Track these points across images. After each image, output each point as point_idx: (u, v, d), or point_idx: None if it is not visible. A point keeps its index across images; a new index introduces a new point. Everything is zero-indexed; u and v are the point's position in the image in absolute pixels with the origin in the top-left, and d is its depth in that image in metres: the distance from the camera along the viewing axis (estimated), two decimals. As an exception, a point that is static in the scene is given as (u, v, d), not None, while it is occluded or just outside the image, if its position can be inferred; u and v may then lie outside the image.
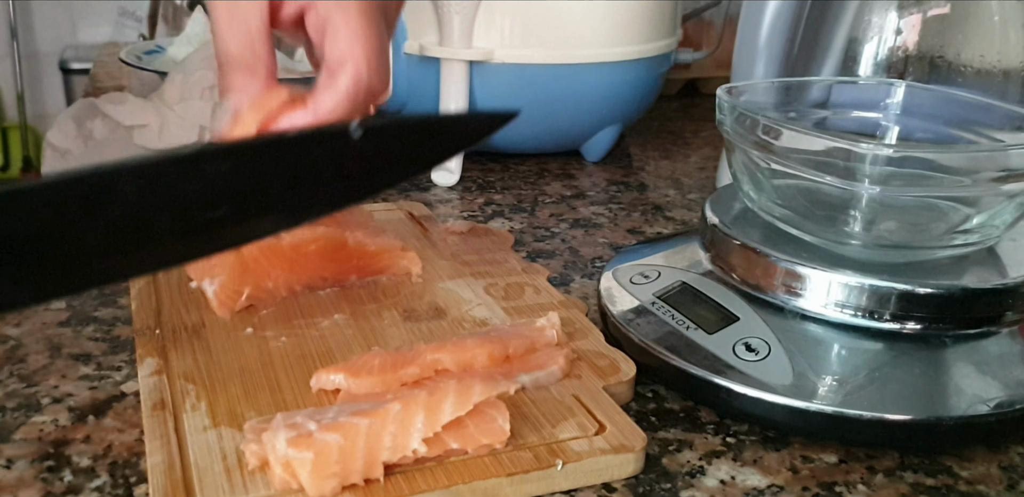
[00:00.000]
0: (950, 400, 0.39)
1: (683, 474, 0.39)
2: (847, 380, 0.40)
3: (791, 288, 0.43)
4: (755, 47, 0.60)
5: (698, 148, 0.88)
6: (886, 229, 0.43)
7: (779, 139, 0.43)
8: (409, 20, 0.74)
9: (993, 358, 0.41)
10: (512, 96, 0.75)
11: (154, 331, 0.47)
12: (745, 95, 0.51)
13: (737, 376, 0.41)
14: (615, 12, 0.73)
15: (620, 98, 0.78)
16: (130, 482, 0.37)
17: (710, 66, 1.07)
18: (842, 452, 0.41)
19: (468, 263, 0.56)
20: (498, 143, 0.80)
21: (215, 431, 0.38)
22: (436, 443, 0.36)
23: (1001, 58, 0.59)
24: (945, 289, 0.41)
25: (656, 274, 0.49)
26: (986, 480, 0.39)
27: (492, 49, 0.72)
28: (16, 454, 0.39)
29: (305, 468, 0.34)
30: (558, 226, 0.67)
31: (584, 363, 0.44)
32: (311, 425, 0.36)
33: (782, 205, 0.46)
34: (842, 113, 0.54)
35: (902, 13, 0.60)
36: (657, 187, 0.76)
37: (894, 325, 0.41)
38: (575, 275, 0.58)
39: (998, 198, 0.42)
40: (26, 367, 0.45)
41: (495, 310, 0.50)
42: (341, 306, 0.50)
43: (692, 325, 0.44)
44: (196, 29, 1.04)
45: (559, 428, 0.39)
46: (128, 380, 0.45)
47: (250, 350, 0.45)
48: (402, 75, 0.76)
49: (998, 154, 0.42)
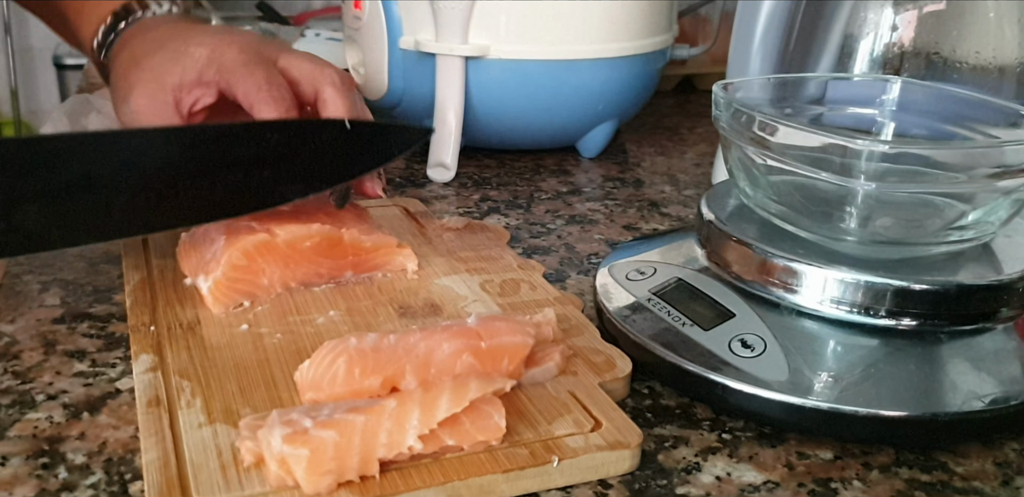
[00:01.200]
0: (945, 396, 0.39)
1: (679, 470, 0.39)
2: (843, 376, 0.40)
3: (787, 284, 0.43)
4: (751, 43, 0.60)
5: (694, 144, 0.88)
6: (882, 225, 0.43)
7: (775, 135, 0.43)
8: (405, 16, 0.74)
9: (988, 354, 0.41)
10: (508, 92, 0.74)
11: (149, 328, 0.47)
12: (741, 91, 0.51)
13: (733, 372, 0.41)
14: (611, 8, 0.73)
15: (616, 94, 0.78)
16: (125, 479, 0.37)
17: (706, 62, 1.07)
18: (838, 448, 0.41)
19: (464, 259, 0.56)
20: (494, 139, 0.80)
21: (210, 428, 0.38)
22: (432, 440, 0.36)
23: (996, 54, 0.59)
24: (940, 285, 0.41)
25: (652, 270, 0.49)
26: (981, 476, 0.39)
27: (488, 45, 0.72)
28: (10, 451, 0.39)
29: (301, 465, 0.34)
30: (554, 222, 0.67)
31: (580, 360, 0.44)
32: (307, 422, 0.36)
33: (778, 201, 0.46)
34: (838, 109, 0.54)
35: (898, 9, 0.60)
36: (653, 183, 0.76)
37: (889, 321, 0.41)
38: (571, 271, 0.58)
39: (993, 194, 0.42)
40: (20, 363, 0.45)
41: (491, 306, 0.50)
42: (336, 302, 0.50)
43: (688, 321, 0.44)
44: (191, 24, 1.04)
45: (555, 425, 0.39)
46: (123, 377, 0.44)
47: (245, 347, 0.45)
48: (398, 71, 0.76)
49: (993, 150, 0.42)
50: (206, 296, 0.48)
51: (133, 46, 0.55)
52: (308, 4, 1.56)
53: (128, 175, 0.44)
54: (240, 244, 0.48)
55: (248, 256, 0.49)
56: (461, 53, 0.71)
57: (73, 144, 0.43)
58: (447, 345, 0.41)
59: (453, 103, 0.73)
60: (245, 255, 0.49)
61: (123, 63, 0.55)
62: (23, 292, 0.52)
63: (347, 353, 0.40)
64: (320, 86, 0.52)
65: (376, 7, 0.75)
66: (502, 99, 0.75)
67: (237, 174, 0.46)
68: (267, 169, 0.47)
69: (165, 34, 0.55)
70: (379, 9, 0.74)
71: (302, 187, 0.48)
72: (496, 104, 0.75)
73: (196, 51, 0.52)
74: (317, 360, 0.40)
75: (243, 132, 0.46)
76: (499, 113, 0.76)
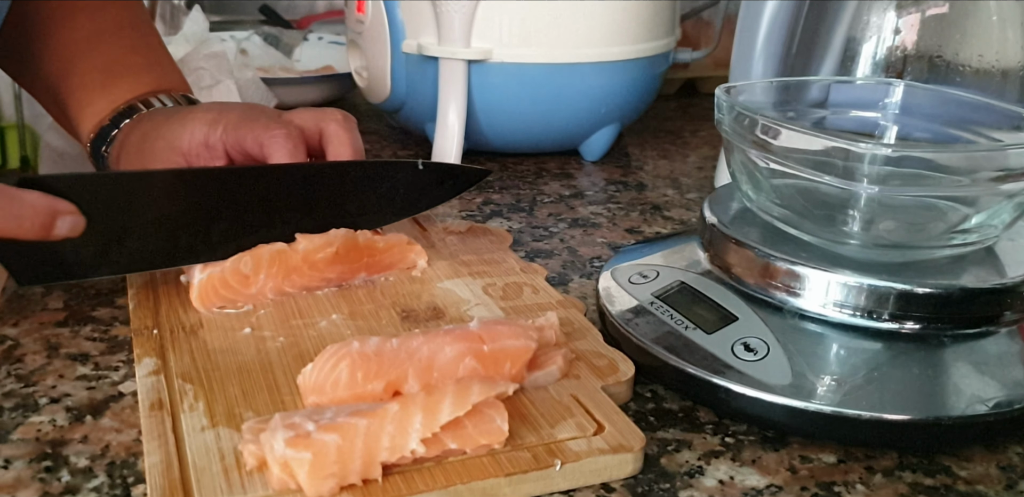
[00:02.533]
0: (949, 400, 0.39)
1: (682, 474, 0.39)
2: (846, 380, 0.40)
3: (790, 288, 0.43)
4: (754, 46, 0.60)
5: (696, 148, 0.88)
6: (885, 229, 0.43)
7: (778, 139, 0.43)
8: (408, 19, 0.74)
9: (992, 358, 0.41)
10: (510, 95, 0.75)
11: (152, 331, 0.47)
12: (744, 94, 0.51)
13: (736, 376, 0.41)
14: (613, 11, 0.73)
15: (618, 97, 0.78)
16: (128, 482, 0.37)
17: (708, 65, 1.07)
18: (841, 452, 0.41)
19: (466, 263, 0.56)
20: (497, 142, 0.80)
21: (213, 431, 0.38)
22: (434, 443, 0.36)
23: (999, 58, 0.59)
24: (944, 289, 0.41)
25: (655, 274, 0.49)
26: (984, 480, 0.39)
27: (491, 48, 0.72)
28: (13, 454, 0.39)
29: (303, 468, 0.34)
30: (556, 226, 0.67)
31: (583, 363, 0.44)
32: (309, 425, 0.36)
33: (781, 205, 0.46)
34: (841, 113, 0.54)
35: (901, 12, 0.60)
36: (656, 187, 0.76)
37: (893, 325, 0.41)
38: (573, 275, 0.58)
39: (996, 198, 0.42)
40: (24, 367, 0.45)
41: (493, 310, 0.50)
42: (339, 306, 0.50)
43: (691, 325, 0.44)
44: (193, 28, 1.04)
45: (557, 428, 0.39)
46: (126, 380, 0.44)
47: (248, 350, 0.45)
48: (401, 74, 0.76)
49: (996, 154, 0.42)
50: (192, 290, 0.49)
51: (142, 127, 0.57)
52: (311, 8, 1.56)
53: (228, 207, 0.50)
54: (256, 251, 0.49)
55: (256, 263, 0.49)
56: (464, 57, 0.71)
57: (185, 178, 0.49)
58: (449, 349, 0.41)
59: (455, 106, 0.73)
60: (254, 261, 0.49)
61: (133, 144, 0.56)
62: (26, 296, 0.53)
63: (350, 357, 0.40)
64: (324, 124, 0.54)
65: (379, 11, 0.75)
66: (504, 103, 0.75)
67: (323, 207, 0.52)
68: (349, 202, 0.52)
69: (170, 111, 0.57)
70: (382, 13, 0.75)
71: (377, 218, 0.54)
72: (498, 108, 0.75)
73: (202, 115, 0.54)
74: (320, 364, 0.40)
75: (328, 170, 0.52)
76: (501, 116, 0.76)
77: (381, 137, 0.89)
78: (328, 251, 0.50)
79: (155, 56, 0.63)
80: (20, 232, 0.44)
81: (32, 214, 0.44)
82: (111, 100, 0.59)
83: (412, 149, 0.85)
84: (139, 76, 0.60)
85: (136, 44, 0.62)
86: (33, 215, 0.44)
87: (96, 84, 0.60)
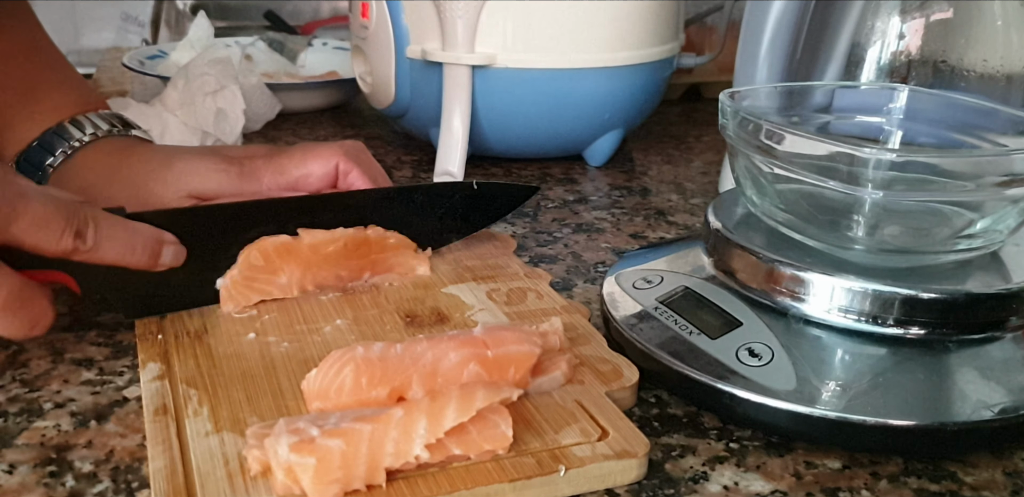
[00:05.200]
0: (954, 405, 0.39)
1: (686, 480, 0.39)
2: (850, 385, 0.40)
3: (794, 293, 0.43)
4: (758, 51, 0.60)
5: (701, 153, 0.88)
6: (889, 234, 0.43)
7: (782, 144, 0.43)
8: (412, 25, 0.74)
9: (997, 363, 0.41)
10: (514, 101, 0.75)
11: (156, 336, 0.47)
12: (748, 99, 0.51)
13: (740, 381, 0.41)
14: (617, 17, 0.73)
15: (622, 103, 0.78)
16: (132, 487, 0.37)
17: (713, 71, 1.07)
18: (846, 458, 0.40)
19: (470, 268, 0.56)
20: (500, 148, 0.80)
21: (217, 436, 0.38)
22: (439, 449, 0.36)
23: (1004, 62, 0.59)
24: (949, 294, 0.41)
25: (659, 279, 0.49)
26: (990, 486, 0.39)
27: (495, 54, 0.72)
28: (18, 459, 0.39)
29: (307, 474, 0.34)
30: (560, 231, 0.67)
31: (587, 368, 0.44)
32: (313, 430, 0.36)
33: (785, 210, 0.46)
34: (845, 117, 0.54)
35: (905, 17, 0.60)
36: (660, 192, 0.76)
37: (897, 330, 0.41)
38: (577, 280, 0.58)
39: (1002, 203, 0.42)
40: (28, 372, 0.45)
41: (497, 315, 0.50)
42: (343, 311, 0.50)
43: (695, 330, 0.44)
44: (199, 34, 1.05)
45: (562, 434, 0.39)
46: (130, 385, 0.45)
47: (252, 355, 0.45)
48: (405, 80, 0.76)
49: (1002, 159, 0.42)
50: (221, 293, 0.49)
51: (129, 161, 0.57)
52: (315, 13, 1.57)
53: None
54: (260, 244, 0.49)
55: (265, 256, 0.49)
56: (468, 62, 0.72)
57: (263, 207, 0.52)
58: (454, 354, 0.41)
59: (459, 112, 0.73)
60: (262, 255, 0.49)
61: (103, 175, 0.57)
62: (31, 300, 0.53)
63: (354, 362, 0.40)
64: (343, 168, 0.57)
65: (383, 16, 0.75)
66: (508, 108, 0.75)
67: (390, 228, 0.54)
68: (415, 223, 0.55)
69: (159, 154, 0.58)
70: (386, 18, 0.75)
71: (439, 237, 0.58)
72: (502, 113, 0.75)
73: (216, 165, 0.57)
74: (324, 369, 0.40)
75: (396, 194, 0.55)
76: (505, 122, 0.76)
77: (385, 142, 0.89)
78: (337, 244, 0.51)
79: (71, 73, 0.63)
80: (132, 260, 0.46)
81: (143, 243, 0.46)
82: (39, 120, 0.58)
83: (416, 154, 0.85)
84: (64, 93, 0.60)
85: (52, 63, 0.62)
86: (144, 244, 0.46)
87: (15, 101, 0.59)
